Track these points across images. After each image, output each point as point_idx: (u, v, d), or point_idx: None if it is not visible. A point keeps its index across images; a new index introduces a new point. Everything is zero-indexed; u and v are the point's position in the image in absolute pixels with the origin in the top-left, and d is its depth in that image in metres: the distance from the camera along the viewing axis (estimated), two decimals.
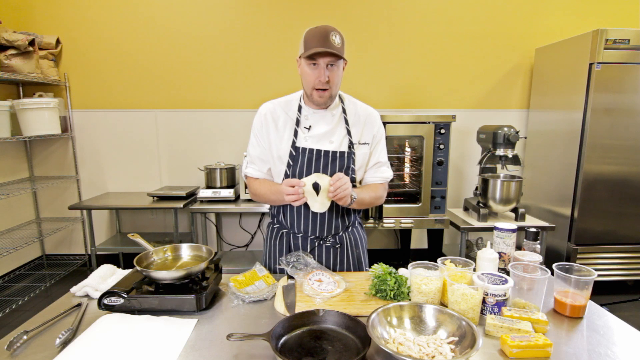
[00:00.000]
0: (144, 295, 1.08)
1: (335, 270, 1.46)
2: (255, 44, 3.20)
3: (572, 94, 2.81)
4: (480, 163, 2.80)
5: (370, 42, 3.24)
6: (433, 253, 3.17)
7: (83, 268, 3.43)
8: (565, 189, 2.87)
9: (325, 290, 1.18)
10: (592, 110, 2.66)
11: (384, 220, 2.71)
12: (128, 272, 1.28)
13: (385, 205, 2.71)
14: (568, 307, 1.09)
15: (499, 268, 1.25)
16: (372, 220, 2.73)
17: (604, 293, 2.90)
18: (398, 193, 2.90)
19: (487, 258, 1.20)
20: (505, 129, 2.62)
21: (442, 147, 2.63)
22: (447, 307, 1.05)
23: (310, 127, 1.39)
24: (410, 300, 1.11)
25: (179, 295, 1.08)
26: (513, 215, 2.75)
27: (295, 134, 1.38)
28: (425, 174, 2.65)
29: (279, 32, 3.19)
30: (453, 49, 3.27)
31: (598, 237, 2.82)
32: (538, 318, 1.00)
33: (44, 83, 3.07)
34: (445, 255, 1.23)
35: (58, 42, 3.11)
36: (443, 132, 2.62)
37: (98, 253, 3.06)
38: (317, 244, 1.46)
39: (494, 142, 2.68)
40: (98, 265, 1.36)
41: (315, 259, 1.41)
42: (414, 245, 3.48)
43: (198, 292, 1.09)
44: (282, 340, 0.92)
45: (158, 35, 3.16)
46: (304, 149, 1.38)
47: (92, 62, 3.19)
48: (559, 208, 2.94)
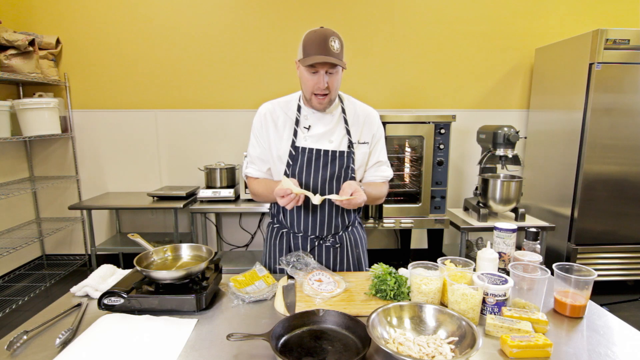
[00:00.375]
0: (144, 295, 1.08)
1: (335, 270, 1.46)
2: (255, 44, 3.20)
3: (572, 94, 2.81)
4: (480, 163, 2.80)
5: (371, 42, 3.24)
6: (433, 253, 3.17)
7: (83, 268, 3.43)
8: (565, 189, 2.87)
9: (325, 290, 1.18)
10: (592, 110, 2.66)
11: (384, 220, 2.71)
12: (128, 272, 1.28)
13: (385, 205, 2.71)
14: (568, 307, 1.09)
15: (499, 268, 1.25)
16: (372, 220, 2.73)
17: (604, 293, 2.90)
18: (398, 193, 2.90)
19: (487, 258, 1.20)
20: (505, 129, 2.62)
21: (442, 147, 2.63)
22: (447, 307, 1.05)
23: (310, 126, 1.39)
24: (410, 300, 1.11)
25: (179, 295, 1.08)
26: (513, 215, 2.75)
27: (295, 134, 1.39)
28: (425, 174, 2.65)
29: (279, 32, 3.19)
30: (453, 49, 3.27)
31: (598, 237, 2.82)
32: (538, 318, 1.00)
33: (44, 83, 3.07)
34: (445, 255, 1.23)
35: (58, 42, 3.11)
36: (443, 132, 2.62)
37: (98, 253, 3.06)
38: (317, 244, 1.46)
39: (494, 142, 2.68)
40: (98, 265, 1.36)
41: (315, 259, 1.41)
42: (414, 245, 3.48)
43: (198, 292, 1.09)
44: (282, 340, 0.92)
45: (158, 35, 3.16)
46: (304, 149, 1.38)
47: (92, 62, 3.19)
48: (559, 208, 2.94)
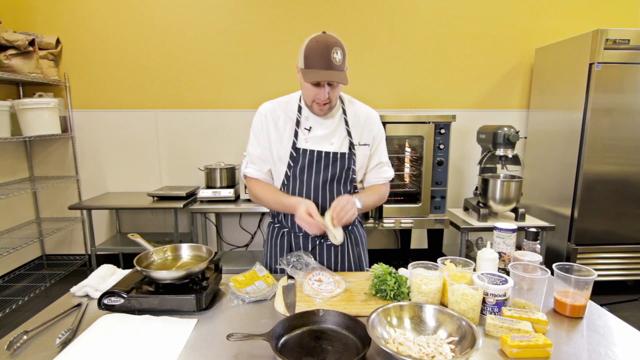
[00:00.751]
0: (144, 295, 1.08)
1: (336, 269, 1.46)
2: (255, 44, 3.20)
3: (572, 94, 2.81)
4: (480, 163, 2.80)
5: (371, 42, 3.24)
6: (433, 253, 3.18)
7: (83, 268, 3.43)
8: (565, 189, 2.87)
9: (325, 290, 1.18)
10: (592, 110, 2.66)
11: (384, 220, 2.71)
12: (128, 272, 1.28)
13: (385, 205, 2.71)
14: (568, 307, 1.08)
15: (499, 268, 1.25)
16: (372, 220, 2.73)
17: (604, 293, 2.90)
18: (398, 193, 2.90)
19: (487, 258, 1.20)
20: (505, 129, 2.62)
21: (442, 147, 2.63)
22: (447, 307, 1.05)
23: (311, 128, 1.38)
24: (410, 300, 1.11)
25: (179, 295, 1.08)
26: (513, 215, 2.75)
27: (296, 135, 1.38)
28: (425, 174, 2.65)
29: (279, 32, 3.19)
30: (453, 49, 3.27)
31: (598, 237, 2.82)
32: (538, 318, 1.00)
33: (44, 83, 3.07)
34: (445, 255, 1.23)
35: (58, 42, 3.11)
36: (443, 132, 2.62)
37: (98, 253, 3.06)
38: (317, 243, 1.46)
39: (494, 142, 2.68)
40: (98, 265, 1.36)
41: (316, 258, 1.41)
42: (414, 245, 3.48)
43: (198, 292, 1.09)
44: (282, 340, 0.92)
45: (158, 35, 3.16)
46: (305, 150, 1.37)
47: (92, 62, 3.19)
48: (559, 208, 2.94)
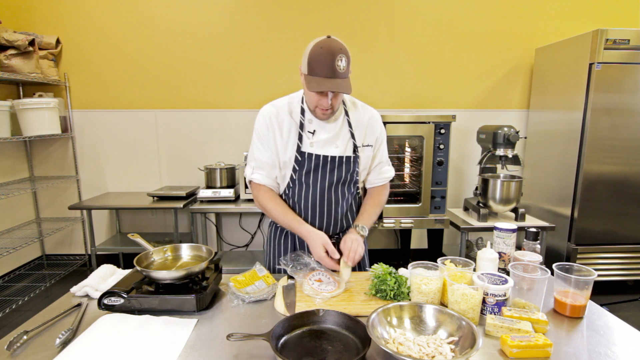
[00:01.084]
0: (144, 295, 1.08)
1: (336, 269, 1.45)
2: (255, 44, 3.20)
3: (572, 94, 2.81)
4: (480, 163, 2.80)
5: (371, 42, 3.24)
6: (433, 253, 3.17)
7: (83, 268, 3.43)
8: (565, 189, 2.87)
9: (325, 290, 1.18)
10: (592, 110, 2.66)
11: (384, 220, 2.71)
12: (128, 272, 1.28)
13: (386, 205, 2.69)
14: (568, 307, 1.08)
15: (499, 268, 1.25)
16: None
17: (604, 293, 2.90)
18: (398, 193, 2.90)
19: (487, 258, 1.20)
20: (505, 129, 2.62)
21: (442, 147, 2.63)
22: (447, 307, 1.05)
23: (315, 131, 1.36)
24: (410, 300, 1.11)
25: (179, 295, 1.08)
26: (513, 215, 2.75)
27: (300, 139, 1.35)
28: (425, 174, 2.65)
29: (279, 32, 3.19)
30: (453, 49, 3.27)
31: (598, 237, 2.82)
32: (538, 318, 1.00)
33: (44, 83, 3.07)
34: (445, 255, 1.23)
35: (58, 42, 3.10)
36: (443, 132, 2.61)
37: (98, 253, 3.06)
38: None
39: (494, 142, 2.68)
40: (98, 265, 1.36)
41: None
42: (414, 245, 3.48)
43: (198, 292, 1.09)
44: (282, 340, 0.92)
45: (158, 36, 3.16)
46: (310, 155, 1.35)
47: (92, 62, 3.19)
48: (559, 208, 2.94)
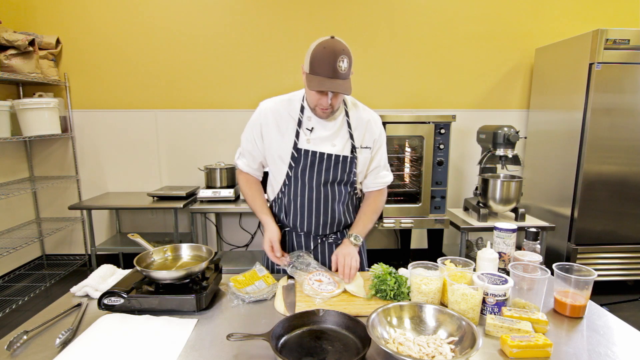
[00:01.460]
0: (144, 295, 1.08)
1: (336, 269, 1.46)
2: (256, 44, 3.20)
3: (572, 94, 2.81)
4: (480, 163, 2.80)
5: (371, 42, 3.24)
6: (433, 253, 3.17)
7: (83, 268, 3.43)
8: (565, 189, 2.87)
9: (325, 290, 1.18)
10: (592, 110, 2.66)
11: (384, 220, 2.71)
12: (128, 272, 1.28)
13: (386, 205, 2.70)
14: (568, 307, 1.09)
15: (499, 268, 1.25)
16: None
17: (604, 293, 2.90)
18: (398, 193, 2.90)
19: (487, 258, 1.20)
20: (505, 129, 2.62)
21: (442, 147, 2.63)
22: (447, 307, 1.05)
23: (313, 128, 1.37)
24: (410, 300, 1.11)
25: (179, 295, 1.08)
26: (513, 215, 2.75)
27: (297, 135, 1.36)
28: (425, 174, 2.65)
29: (279, 32, 3.19)
30: (453, 49, 3.27)
31: (598, 237, 2.82)
32: (538, 318, 1.00)
33: (44, 83, 3.07)
34: (445, 255, 1.23)
35: (58, 42, 3.10)
36: (443, 132, 2.61)
37: (98, 253, 3.06)
38: (319, 242, 1.47)
39: (494, 142, 2.68)
40: (98, 265, 1.36)
41: (317, 257, 1.43)
42: (414, 245, 3.48)
43: (198, 292, 1.09)
44: (282, 340, 0.92)
45: (158, 36, 3.16)
46: (306, 151, 1.36)
47: (92, 62, 3.19)
48: (559, 208, 2.94)
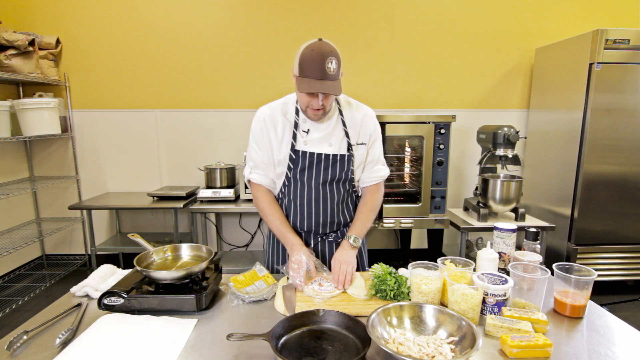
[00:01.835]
0: (144, 295, 1.08)
1: None
2: (255, 44, 3.20)
3: (572, 94, 2.81)
4: (480, 163, 2.80)
5: (371, 42, 3.23)
6: (433, 253, 3.17)
7: (83, 268, 3.43)
8: (565, 189, 2.87)
9: (325, 291, 1.18)
10: (592, 110, 2.66)
11: (384, 220, 2.71)
12: (128, 272, 1.28)
13: (385, 205, 2.70)
14: (568, 307, 1.09)
15: (499, 268, 1.25)
16: None
17: (604, 293, 2.90)
18: (398, 193, 2.89)
19: (487, 258, 1.20)
20: (505, 129, 2.62)
21: (442, 147, 2.63)
22: (447, 307, 1.05)
23: (309, 130, 1.38)
24: (410, 300, 1.11)
25: (179, 295, 1.08)
26: (513, 215, 2.75)
27: (294, 137, 1.38)
28: (425, 174, 2.65)
29: (279, 32, 3.19)
30: (453, 49, 3.27)
31: (598, 237, 2.82)
32: (538, 318, 1.00)
33: (44, 83, 3.07)
34: (445, 255, 1.23)
35: (58, 42, 3.10)
36: (443, 132, 2.61)
37: (98, 253, 3.06)
38: (320, 240, 1.48)
39: (494, 142, 2.68)
40: (98, 265, 1.36)
41: (318, 255, 1.44)
42: (414, 245, 3.48)
43: (198, 292, 1.09)
44: (282, 340, 0.92)
45: (158, 36, 3.16)
46: (304, 153, 1.37)
47: (92, 62, 3.19)
48: (559, 208, 2.94)
